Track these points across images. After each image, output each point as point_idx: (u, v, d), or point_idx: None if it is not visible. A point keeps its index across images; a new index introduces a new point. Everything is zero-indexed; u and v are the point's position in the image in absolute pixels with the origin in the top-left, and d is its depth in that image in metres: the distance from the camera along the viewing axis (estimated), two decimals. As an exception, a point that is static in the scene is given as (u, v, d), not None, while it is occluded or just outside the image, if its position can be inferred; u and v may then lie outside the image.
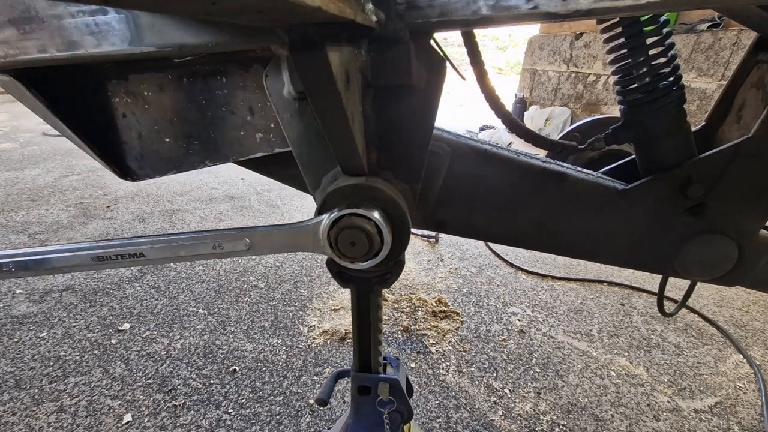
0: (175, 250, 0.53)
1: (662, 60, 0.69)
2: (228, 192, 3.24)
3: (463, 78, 0.83)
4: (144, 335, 1.62)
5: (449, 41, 11.03)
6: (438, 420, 1.31)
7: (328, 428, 1.24)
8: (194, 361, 1.50)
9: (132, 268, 2.09)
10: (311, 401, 1.35)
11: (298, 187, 0.78)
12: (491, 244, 2.53)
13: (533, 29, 6.27)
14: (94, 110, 0.57)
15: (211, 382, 1.41)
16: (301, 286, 2.00)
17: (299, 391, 1.39)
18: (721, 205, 0.70)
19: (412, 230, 0.81)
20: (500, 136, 4.77)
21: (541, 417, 1.33)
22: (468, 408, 1.36)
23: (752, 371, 1.58)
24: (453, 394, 1.41)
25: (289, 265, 2.18)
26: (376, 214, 0.51)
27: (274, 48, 0.44)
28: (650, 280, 2.16)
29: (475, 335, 1.71)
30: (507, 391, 1.43)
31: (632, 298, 2.04)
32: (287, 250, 0.55)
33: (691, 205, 0.71)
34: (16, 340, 1.56)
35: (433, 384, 1.45)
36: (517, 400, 1.39)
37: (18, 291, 1.85)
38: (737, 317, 1.91)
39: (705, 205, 0.70)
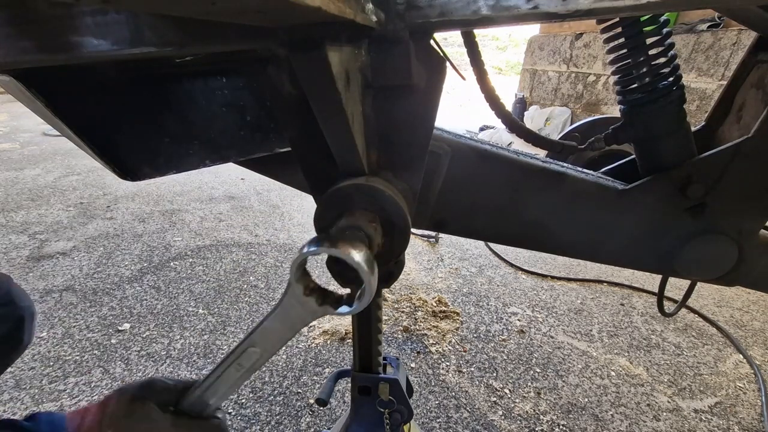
0: (224, 392, 0.56)
1: (662, 60, 0.69)
2: (228, 192, 3.24)
3: (463, 78, 0.83)
4: (144, 335, 1.62)
5: (449, 41, 11.03)
6: (438, 420, 1.31)
7: (328, 428, 1.24)
8: (194, 361, 1.50)
9: (132, 267, 2.09)
10: (311, 401, 1.35)
11: (298, 187, 0.78)
12: (491, 244, 2.53)
13: (533, 29, 6.27)
14: (94, 110, 0.57)
15: (211, 382, 1.41)
16: (301, 286, 2.00)
17: (299, 391, 1.39)
18: (721, 205, 0.70)
19: (412, 230, 0.81)
20: (500, 136, 4.76)
21: (541, 417, 1.33)
22: (468, 408, 1.36)
23: (752, 371, 1.58)
24: (453, 394, 1.41)
25: (289, 265, 2.18)
26: (357, 257, 0.41)
27: (274, 48, 0.44)
28: (650, 280, 2.16)
29: (475, 335, 1.71)
30: (507, 391, 1.43)
31: (632, 298, 2.04)
32: (299, 329, 0.52)
33: (691, 205, 0.71)
34: (16, 340, 1.56)
35: (433, 384, 1.45)
36: (517, 400, 1.39)
37: (18, 291, 1.85)
38: (737, 317, 1.91)
39: (705, 205, 0.70)
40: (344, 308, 0.46)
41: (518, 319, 1.83)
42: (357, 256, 0.41)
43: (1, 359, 0.72)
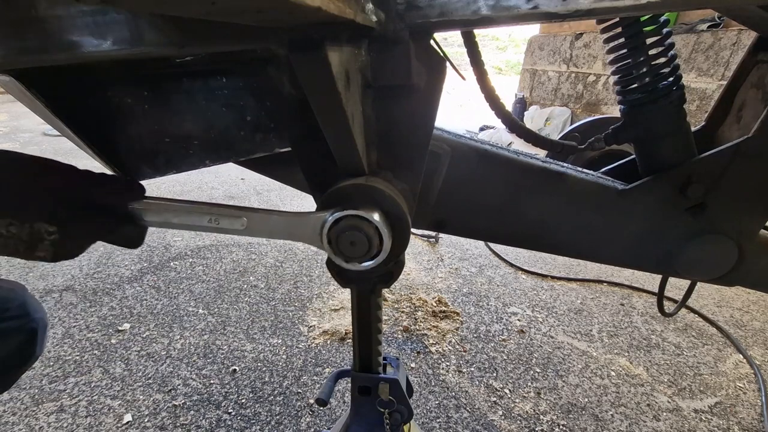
0: (169, 216, 0.52)
1: (662, 60, 0.69)
2: (228, 192, 3.24)
3: (463, 78, 0.83)
4: (144, 335, 1.62)
5: (449, 41, 11.03)
6: (438, 420, 1.31)
7: (328, 428, 1.24)
8: (194, 361, 1.50)
9: (131, 267, 2.09)
10: (311, 401, 1.35)
11: (298, 187, 0.78)
12: (491, 244, 2.52)
13: (533, 29, 6.27)
14: (94, 110, 0.57)
15: (211, 382, 1.41)
16: (301, 286, 2.00)
17: (299, 391, 1.39)
18: (721, 205, 0.70)
19: (412, 230, 0.81)
20: (500, 136, 4.76)
21: (541, 417, 1.33)
22: (468, 408, 1.36)
23: (752, 371, 1.58)
24: (453, 394, 1.41)
25: (289, 265, 2.18)
26: (375, 216, 0.50)
27: (274, 48, 0.44)
28: (650, 280, 2.16)
29: (475, 335, 1.71)
30: (507, 391, 1.43)
31: (632, 298, 2.04)
32: (284, 237, 0.55)
33: (691, 205, 0.71)
34: (16, 340, 1.55)
35: (433, 384, 1.45)
36: (517, 400, 1.39)
37: (18, 291, 1.85)
38: (737, 317, 1.91)
39: (705, 205, 0.70)
40: (368, 263, 0.53)
41: (518, 319, 1.83)
42: (377, 216, 0.50)
43: (13, 371, 0.72)
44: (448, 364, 1.54)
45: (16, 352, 0.69)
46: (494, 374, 1.50)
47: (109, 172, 0.64)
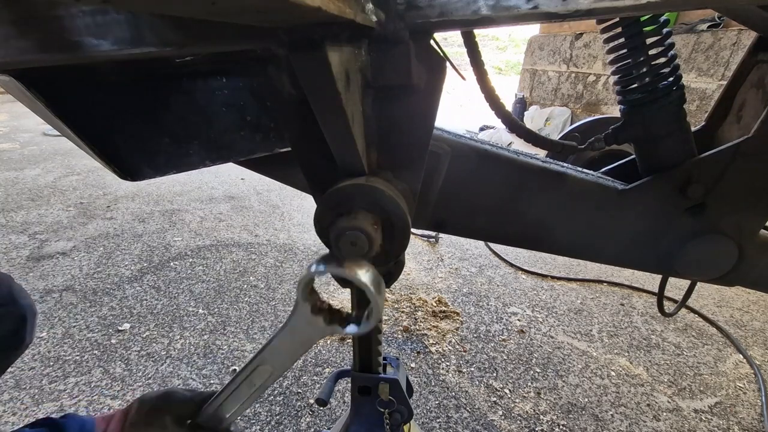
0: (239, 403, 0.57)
1: (662, 60, 0.69)
2: (228, 192, 3.24)
3: (463, 78, 0.83)
4: (144, 335, 1.62)
5: (449, 41, 11.03)
6: (438, 420, 1.31)
7: (328, 428, 1.24)
8: (194, 361, 1.50)
9: (132, 267, 2.09)
10: (311, 401, 1.35)
11: (298, 187, 0.78)
12: (491, 244, 2.52)
13: (533, 29, 6.27)
14: (94, 110, 0.57)
15: (211, 382, 1.41)
16: (301, 286, 2.00)
17: (299, 391, 1.39)
18: (721, 205, 0.70)
19: (412, 230, 0.81)
20: (500, 136, 4.76)
21: (541, 417, 1.33)
22: (468, 408, 1.36)
23: (752, 371, 1.58)
24: (453, 394, 1.41)
25: (289, 265, 2.18)
26: (364, 278, 0.42)
27: (274, 48, 0.44)
28: (650, 280, 2.16)
29: (475, 335, 1.71)
30: (507, 391, 1.43)
31: (632, 298, 2.04)
32: (305, 350, 0.52)
33: (691, 205, 0.71)
34: (16, 340, 1.55)
35: (433, 384, 1.45)
36: (517, 400, 1.39)
37: (18, 291, 1.85)
38: (737, 317, 1.91)
39: (705, 205, 0.70)
40: (352, 327, 0.46)
41: (518, 319, 1.83)
42: (364, 276, 0.41)
43: (3, 358, 0.72)
44: (448, 364, 1.54)
45: (5, 339, 0.70)
46: (494, 374, 1.50)
47: (109, 172, 0.64)
